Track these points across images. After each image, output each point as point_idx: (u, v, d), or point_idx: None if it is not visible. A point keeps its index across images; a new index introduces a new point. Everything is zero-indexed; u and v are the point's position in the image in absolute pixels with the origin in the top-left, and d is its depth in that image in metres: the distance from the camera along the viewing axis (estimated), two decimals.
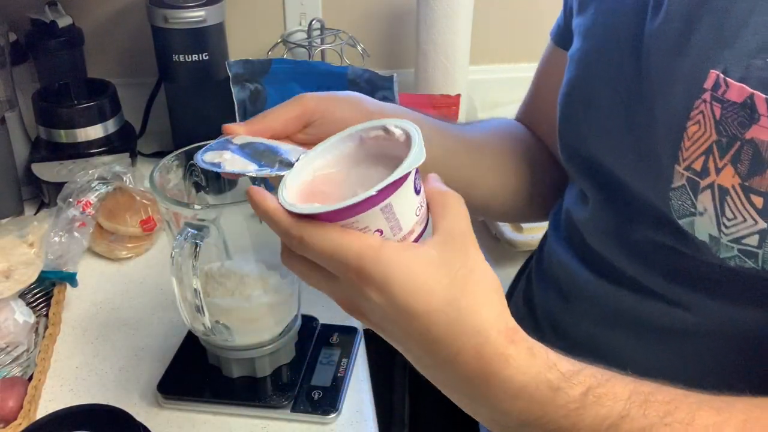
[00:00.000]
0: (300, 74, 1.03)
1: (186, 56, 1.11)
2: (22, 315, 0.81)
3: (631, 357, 0.49)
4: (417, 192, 0.48)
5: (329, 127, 0.58)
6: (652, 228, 0.60)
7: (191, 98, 1.16)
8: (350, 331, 0.81)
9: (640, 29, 0.58)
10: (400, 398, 1.15)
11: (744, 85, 0.49)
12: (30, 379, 0.75)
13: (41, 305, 0.87)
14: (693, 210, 0.53)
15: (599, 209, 0.66)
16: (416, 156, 0.46)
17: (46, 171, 1.06)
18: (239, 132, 0.56)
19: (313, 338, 0.79)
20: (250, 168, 0.51)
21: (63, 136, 1.09)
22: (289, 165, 0.51)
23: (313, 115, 0.59)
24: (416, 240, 0.48)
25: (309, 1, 1.26)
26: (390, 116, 0.62)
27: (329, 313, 0.82)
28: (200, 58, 1.11)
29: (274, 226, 0.47)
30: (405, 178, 0.46)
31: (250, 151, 0.53)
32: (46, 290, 0.88)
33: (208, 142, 0.55)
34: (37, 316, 0.84)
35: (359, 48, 1.19)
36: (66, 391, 0.76)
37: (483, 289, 0.46)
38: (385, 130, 0.50)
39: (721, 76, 0.50)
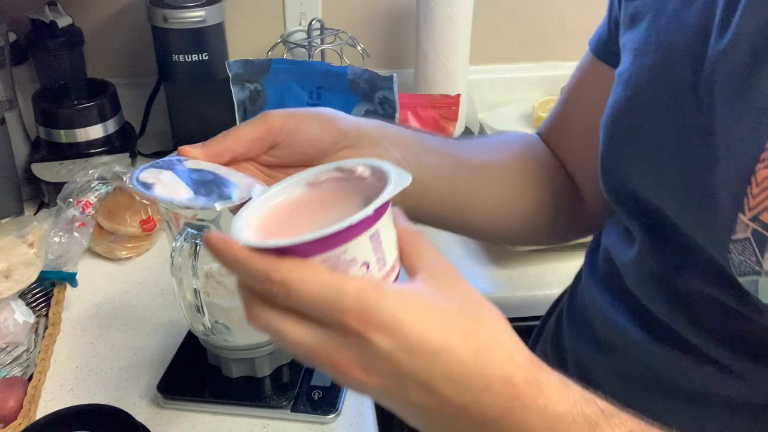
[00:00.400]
0: (300, 74, 1.03)
1: (186, 56, 1.11)
2: (22, 315, 0.81)
3: (670, 423, 0.43)
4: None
5: (297, 149, 0.53)
6: (705, 281, 0.52)
7: (191, 98, 1.16)
8: None
9: (702, 51, 0.50)
10: None
11: None
12: (30, 379, 0.75)
13: (41, 305, 0.87)
14: (758, 268, 0.45)
15: (644, 252, 0.58)
16: (402, 176, 0.42)
17: (46, 171, 1.06)
18: (196, 155, 0.50)
19: None
20: (179, 198, 0.46)
21: (63, 136, 1.09)
22: (227, 199, 0.46)
23: (279, 136, 0.53)
24: (395, 280, 0.42)
25: (309, 1, 1.26)
26: (368, 133, 0.58)
27: None
28: (200, 58, 1.11)
29: (247, 275, 0.39)
30: (389, 202, 0.41)
31: (195, 177, 0.48)
32: (46, 290, 0.88)
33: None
34: (37, 316, 0.84)
35: (359, 48, 1.18)
36: (66, 391, 0.76)
37: (496, 320, 0.42)
38: (340, 170, 0.45)
39: None
